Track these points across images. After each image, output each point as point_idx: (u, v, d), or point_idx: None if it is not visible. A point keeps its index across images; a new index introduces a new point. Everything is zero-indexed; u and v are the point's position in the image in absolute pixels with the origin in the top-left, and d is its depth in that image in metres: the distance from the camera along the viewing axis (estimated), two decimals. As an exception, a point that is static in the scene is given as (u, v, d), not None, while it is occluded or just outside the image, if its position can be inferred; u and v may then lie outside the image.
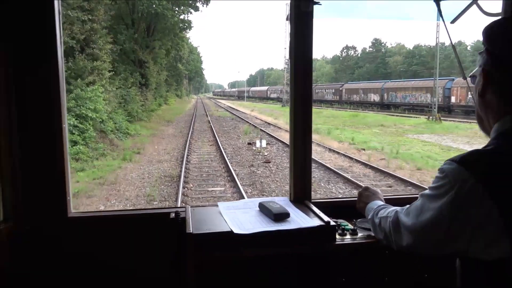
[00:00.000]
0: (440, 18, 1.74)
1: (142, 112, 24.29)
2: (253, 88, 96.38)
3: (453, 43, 1.75)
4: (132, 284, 1.77)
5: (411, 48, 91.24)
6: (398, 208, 1.36)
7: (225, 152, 14.50)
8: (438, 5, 1.74)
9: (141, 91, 25.70)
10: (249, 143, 16.88)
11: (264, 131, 21.19)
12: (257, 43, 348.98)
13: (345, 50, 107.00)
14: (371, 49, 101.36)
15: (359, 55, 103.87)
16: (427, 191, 1.20)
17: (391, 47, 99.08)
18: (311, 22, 1.83)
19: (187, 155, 13.99)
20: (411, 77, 65.96)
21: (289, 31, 1.87)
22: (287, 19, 1.87)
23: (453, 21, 1.73)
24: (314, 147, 8.97)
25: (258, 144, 14.62)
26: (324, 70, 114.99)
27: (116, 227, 1.76)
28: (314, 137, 18.33)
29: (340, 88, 54.77)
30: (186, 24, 31.04)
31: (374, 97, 47.36)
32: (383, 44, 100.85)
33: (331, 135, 18.95)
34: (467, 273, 1.16)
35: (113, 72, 20.59)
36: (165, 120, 28.55)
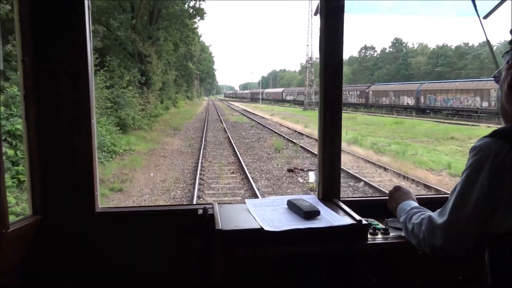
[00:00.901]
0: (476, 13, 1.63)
1: (141, 118, 18.88)
2: (267, 90, 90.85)
3: (488, 39, 1.63)
4: (159, 279, 1.74)
5: (435, 48, 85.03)
6: (431, 213, 1.32)
7: (258, 189, 8.95)
8: (473, 0, 1.64)
9: (141, 91, 20.27)
10: (289, 170, 11.23)
11: (304, 148, 15.51)
12: (269, 44, 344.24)
13: (363, 51, 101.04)
14: (391, 49, 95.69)
15: (378, 55, 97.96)
16: (460, 179, 1.20)
17: (413, 47, 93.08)
18: (342, 16, 1.78)
19: (197, 197, 8.49)
20: (435, 79, 60.36)
21: (319, 26, 1.83)
22: (315, 14, 1.83)
23: (485, 17, 1.62)
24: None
25: (311, 178, 8.71)
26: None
27: (143, 222, 1.75)
28: (385, 159, 12.61)
29: (367, 90, 49.06)
30: (197, 12, 25.21)
31: (408, 100, 41.71)
32: (404, 44, 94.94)
33: (406, 157, 13.04)
34: (497, 261, 1.17)
35: (100, 67, 15.22)
36: (172, 128, 23.14)
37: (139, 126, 18.43)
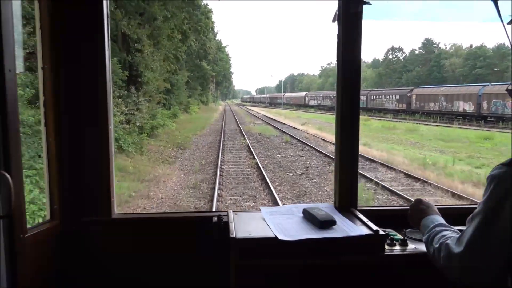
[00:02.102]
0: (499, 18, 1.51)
1: (123, 135, 12.06)
2: (288, 94, 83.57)
3: None
4: (174, 286, 1.75)
5: (472, 49, 76.78)
6: (450, 238, 1.28)
7: None
8: (497, 5, 1.55)
9: (126, 94, 13.42)
10: None
11: (390, 190, 8.42)
12: (286, 48, 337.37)
13: (390, 52, 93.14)
14: (421, 50, 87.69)
15: (406, 57, 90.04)
16: (477, 209, 1.17)
17: (445, 48, 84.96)
18: (360, 23, 1.75)
19: None
20: (473, 82, 52.56)
21: (337, 33, 1.79)
22: (333, 21, 1.78)
23: (510, 22, 1.54)
24: None
25: None
26: (365, 74, 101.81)
27: (158, 229, 1.76)
28: None
29: (409, 94, 41.60)
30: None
31: (465, 106, 34.23)
32: (435, 45, 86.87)
33: None
34: None
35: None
36: (175, 146, 16.27)
37: (119, 148, 11.59)
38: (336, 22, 1.78)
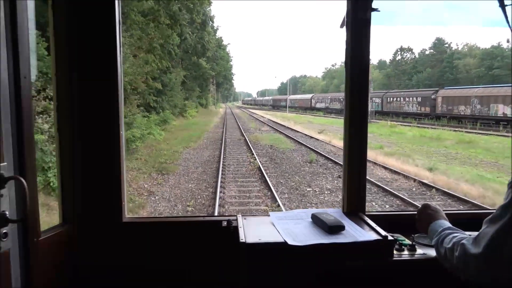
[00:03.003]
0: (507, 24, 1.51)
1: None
2: (292, 96, 78.17)
3: None
4: None
5: (488, 48, 71.76)
6: (464, 238, 1.26)
7: None
8: (504, 11, 1.53)
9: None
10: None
11: None
12: (288, 50, 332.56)
13: (399, 52, 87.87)
14: (432, 50, 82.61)
15: (416, 58, 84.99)
16: (498, 212, 1.16)
17: (458, 48, 79.92)
18: (368, 29, 1.74)
19: None
20: (490, 83, 47.60)
21: (345, 39, 1.78)
22: (341, 26, 1.78)
23: None
24: None
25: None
26: (372, 76, 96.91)
27: (168, 232, 1.75)
28: None
29: (433, 96, 36.52)
30: None
31: (505, 110, 28.95)
32: (446, 45, 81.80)
33: None
34: None
35: None
36: (155, 168, 11.19)
37: (45, 185, 6.47)
38: (345, 27, 1.77)
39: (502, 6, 1.51)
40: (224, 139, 19.73)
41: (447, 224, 1.45)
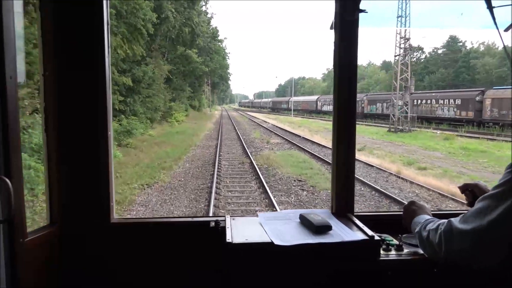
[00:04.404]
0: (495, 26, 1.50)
1: None
2: (295, 98, 69.88)
3: (508, 52, 1.54)
4: None
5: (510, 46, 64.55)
6: (451, 218, 1.25)
7: None
8: (492, 12, 1.52)
9: None
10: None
11: None
12: (285, 51, 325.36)
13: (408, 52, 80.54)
14: (444, 49, 75.52)
15: (427, 57, 77.88)
16: (491, 191, 1.14)
17: (473, 47, 72.92)
18: (356, 30, 1.74)
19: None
20: None
21: (333, 40, 1.78)
22: (331, 28, 1.78)
23: (506, 29, 1.50)
24: None
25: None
26: (378, 77, 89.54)
27: (156, 234, 1.73)
28: None
29: (478, 98, 29.07)
30: None
31: None
32: (460, 43, 74.78)
33: None
34: None
35: None
36: None
37: None
38: (333, 29, 1.77)
39: (490, 8, 1.50)
40: (217, 164, 11.97)
41: (430, 217, 1.44)
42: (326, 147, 16.55)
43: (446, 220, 1.25)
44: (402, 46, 29.26)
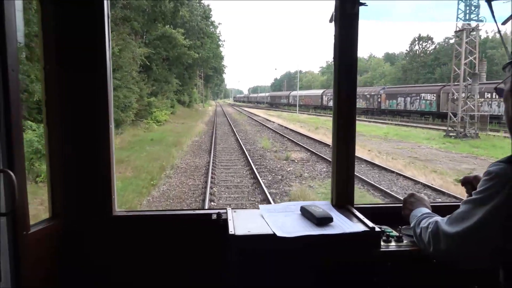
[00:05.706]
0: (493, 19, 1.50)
1: None
2: (297, 92, 62.76)
3: (506, 45, 1.56)
4: (174, 283, 1.72)
5: (531, 35, 58.29)
6: (439, 218, 1.30)
7: None
8: (490, 5, 1.53)
9: None
10: None
11: None
12: (281, 45, 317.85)
13: (416, 42, 73.93)
14: (457, 39, 68.79)
15: (438, 48, 71.35)
16: (472, 197, 1.16)
17: (488, 37, 66.49)
18: (356, 24, 1.74)
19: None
20: None
21: (334, 33, 1.77)
22: (330, 21, 1.77)
23: (504, 22, 1.51)
24: None
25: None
26: (383, 69, 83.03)
27: (158, 226, 1.72)
28: None
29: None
30: None
31: None
32: (474, 33, 68.07)
33: None
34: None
35: None
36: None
37: None
38: (333, 22, 1.76)
39: (488, 1, 1.51)
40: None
41: (427, 210, 1.46)
42: (399, 174, 9.81)
43: (435, 219, 1.28)
44: (467, 17, 22.34)
